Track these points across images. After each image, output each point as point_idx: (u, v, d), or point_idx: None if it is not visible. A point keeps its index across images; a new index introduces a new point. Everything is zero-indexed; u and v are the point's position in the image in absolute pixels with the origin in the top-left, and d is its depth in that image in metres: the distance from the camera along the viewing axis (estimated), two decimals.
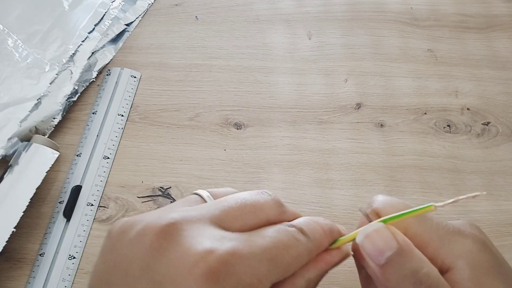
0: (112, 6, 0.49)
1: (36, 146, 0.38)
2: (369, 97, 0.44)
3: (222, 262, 0.15)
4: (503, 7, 0.50)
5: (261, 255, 0.16)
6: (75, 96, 0.43)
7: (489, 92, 0.44)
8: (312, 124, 0.42)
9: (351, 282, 0.34)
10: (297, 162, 0.40)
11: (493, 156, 0.40)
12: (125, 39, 0.48)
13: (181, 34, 0.48)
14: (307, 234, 0.19)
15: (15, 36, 0.45)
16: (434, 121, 0.42)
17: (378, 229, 0.19)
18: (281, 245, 0.18)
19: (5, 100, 0.41)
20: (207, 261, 0.15)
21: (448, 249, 0.18)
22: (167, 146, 0.41)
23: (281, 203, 0.20)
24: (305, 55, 0.47)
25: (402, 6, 0.50)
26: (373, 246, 0.18)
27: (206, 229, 0.17)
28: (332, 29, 0.48)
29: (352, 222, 0.37)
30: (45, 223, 0.37)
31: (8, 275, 0.35)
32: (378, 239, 0.18)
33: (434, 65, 0.45)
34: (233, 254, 0.15)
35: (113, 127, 0.42)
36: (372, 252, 0.18)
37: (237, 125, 0.42)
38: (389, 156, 0.40)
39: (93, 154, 0.40)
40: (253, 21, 0.49)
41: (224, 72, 0.46)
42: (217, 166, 0.40)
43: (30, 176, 0.36)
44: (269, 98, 0.44)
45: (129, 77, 0.45)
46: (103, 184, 0.39)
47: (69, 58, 0.44)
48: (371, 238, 0.18)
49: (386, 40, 0.47)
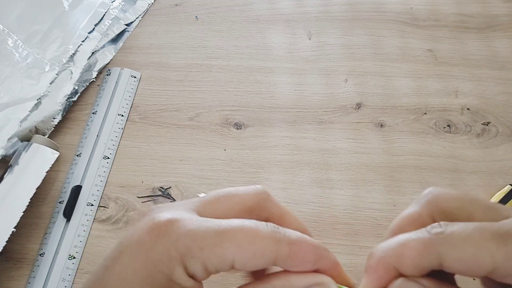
0: (112, 6, 0.49)
1: (36, 146, 0.38)
2: (369, 97, 0.44)
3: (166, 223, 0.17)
4: (503, 7, 0.50)
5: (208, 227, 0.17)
6: (75, 96, 0.43)
7: (489, 92, 0.44)
8: (312, 124, 0.42)
9: None
10: (297, 162, 0.40)
11: (493, 156, 0.40)
12: (125, 39, 0.48)
13: (181, 34, 0.48)
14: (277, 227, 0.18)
15: (15, 36, 0.45)
16: (434, 121, 0.42)
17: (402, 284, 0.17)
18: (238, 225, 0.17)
19: (5, 100, 0.41)
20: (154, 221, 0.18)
21: None
22: (167, 146, 0.41)
23: (264, 193, 0.20)
24: (305, 55, 0.47)
25: (402, 6, 0.50)
26: None
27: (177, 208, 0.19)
28: (332, 29, 0.48)
29: (352, 222, 0.37)
30: (45, 223, 0.37)
31: (8, 275, 0.35)
32: None
33: (434, 65, 0.45)
34: (178, 220, 0.17)
35: (113, 127, 0.42)
36: None
37: (237, 125, 0.42)
38: (389, 156, 0.40)
39: (93, 154, 0.40)
40: (253, 21, 0.49)
41: (224, 72, 0.46)
42: (217, 166, 0.40)
43: (30, 176, 0.36)
44: (269, 98, 0.44)
45: (129, 77, 0.45)
46: (103, 184, 0.39)
47: (69, 58, 0.44)
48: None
49: (386, 40, 0.47)
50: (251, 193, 0.20)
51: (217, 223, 0.17)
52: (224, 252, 0.17)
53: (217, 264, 0.17)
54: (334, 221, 0.37)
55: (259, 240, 0.17)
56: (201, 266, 0.17)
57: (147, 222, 0.18)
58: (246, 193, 0.20)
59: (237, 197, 0.19)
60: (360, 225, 0.36)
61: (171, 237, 0.17)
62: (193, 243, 0.17)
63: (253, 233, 0.17)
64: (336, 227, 0.37)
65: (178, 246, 0.17)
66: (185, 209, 0.19)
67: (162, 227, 0.17)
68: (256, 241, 0.17)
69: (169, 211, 0.18)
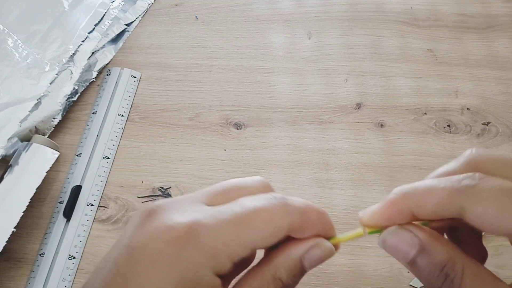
0: (112, 6, 0.49)
1: (36, 146, 0.38)
2: (369, 97, 0.44)
3: (185, 230, 0.17)
4: (503, 7, 0.50)
5: (226, 221, 0.17)
6: (75, 96, 0.43)
7: (489, 92, 0.44)
8: (312, 124, 0.42)
9: (351, 282, 0.34)
10: (297, 162, 0.40)
11: None
12: (125, 39, 0.48)
13: (181, 34, 0.48)
14: (286, 199, 0.18)
15: (15, 36, 0.45)
16: (434, 121, 0.42)
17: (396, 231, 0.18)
18: (251, 208, 0.18)
19: (5, 100, 0.41)
20: (172, 229, 0.17)
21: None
22: (167, 146, 0.41)
23: (268, 184, 0.21)
24: (305, 55, 0.47)
25: (402, 6, 0.50)
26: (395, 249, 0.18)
27: (187, 205, 0.18)
28: (332, 29, 0.48)
29: (352, 222, 0.37)
30: (45, 223, 0.37)
31: (8, 275, 0.35)
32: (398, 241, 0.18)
33: (434, 65, 0.45)
34: (197, 223, 0.17)
35: (113, 127, 0.42)
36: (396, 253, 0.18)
37: (237, 125, 0.42)
38: (389, 156, 0.40)
39: (93, 154, 0.40)
40: (253, 21, 0.49)
41: (224, 72, 0.46)
42: (217, 166, 0.40)
43: (30, 176, 0.36)
44: (269, 98, 0.44)
45: (129, 77, 0.45)
46: (103, 184, 0.39)
47: (69, 58, 0.44)
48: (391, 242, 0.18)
49: (386, 40, 0.47)
50: (257, 185, 0.20)
51: (231, 212, 0.17)
52: (246, 240, 0.17)
53: (241, 252, 0.17)
54: (334, 221, 0.36)
55: (275, 219, 0.18)
56: (228, 260, 0.17)
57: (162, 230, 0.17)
58: (253, 185, 0.20)
59: (246, 190, 0.20)
60: (360, 225, 0.36)
61: (195, 245, 0.17)
62: (217, 243, 0.17)
63: (267, 213, 0.18)
64: (336, 227, 0.36)
65: (204, 252, 0.17)
66: (194, 204, 0.18)
67: (182, 236, 0.17)
68: (272, 220, 0.17)
69: (180, 212, 0.18)
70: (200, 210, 0.18)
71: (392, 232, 0.18)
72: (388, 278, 0.34)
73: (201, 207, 0.18)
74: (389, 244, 0.18)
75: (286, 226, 0.18)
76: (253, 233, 0.17)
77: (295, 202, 0.19)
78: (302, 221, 0.18)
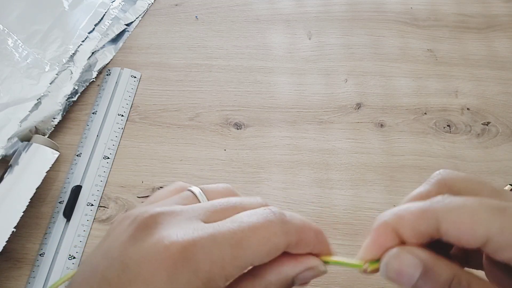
0: (112, 6, 0.49)
1: (36, 146, 0.38)
2: (369, 97, 0.44)
3: (181, 251, 0.16)
4: (503, 7, 0.50)
5: (223, 242, 0.17)
6: (75, 96, 0.43)
7: (489, 92, 0.44)
8: (312, 124, 0.42)
9: (351, 282, 0.34)
10: (297, 162, 0.40)
11: (493, 156, 0.40)
12: (125, 39, 0.48)
13: (181, 34, 0.48)
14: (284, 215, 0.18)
15: (15, 36, 0.45)
16: (434, 121, 0.42)
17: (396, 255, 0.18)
18: (248, 227, 0.17)
19: (5, 100, 0.41)
20: (167, 249, 0.16)
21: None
22: (167, 146, 0.41)
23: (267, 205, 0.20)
24: (305, 55, 0.47)
25: (402, 6, 0.50)
26: (399, 273, 0.18)
27: (184, 221, 0.18)
28: (332, 29, 0.48)
29: (352, 222, 0.37)
30: (45, 223, 0.37)
31: (8, 275, 0.35)
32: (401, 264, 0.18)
33: (434, 65, 0.45)
34: (193, 243, 0.16)
35: (113, 127, 0.42)
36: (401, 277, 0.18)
37: (237, 125, 0.42)
38: (389, 156, 0.40)
39: (93, 154, 0.40)
40: (253, 21, 0.49)
41: (224, 72, 0.46)
42: (217, 166, 0.40)
43: (30, 176, 0.36)
44: (269, 98, 0.44)
45: (129, 77, 0.45)
46: (103, 184, 0.39)
47: (69, 58, 0.44)
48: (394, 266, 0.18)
49: (386, 40, 0.47)
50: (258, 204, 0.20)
51: (228, 231, 0.17)
52: (243, 261, 0.17)
53: (237, 273, 0.17)
54: (334, 221, 0.37)
55: (272, 238, 0.17)
56: (223, 281, 0.17)
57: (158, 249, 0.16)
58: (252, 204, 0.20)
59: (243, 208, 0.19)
60: (360, 225, 0.36)
61: (192, 268, 0.16)
62: (214, 266, 0.16)
63: (265, 231, 0.17)
64: (336, 227, 0.37)
65: (201, 277, 0.16)
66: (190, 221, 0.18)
67: (178, 258, 0.16)
68: (270, 240, 0.17)
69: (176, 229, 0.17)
70: (197, 228, 0.17)
71: (394, 255, 0.18)
72: None
73: (198, 225, 0.18)
74: (392, 268, 0.18)
75: (283, 245, 0.18)
76: (250, 253, 0.17)
77: (293, 219, 0.18)
78: (298, 240, 0.18)
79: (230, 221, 0.18)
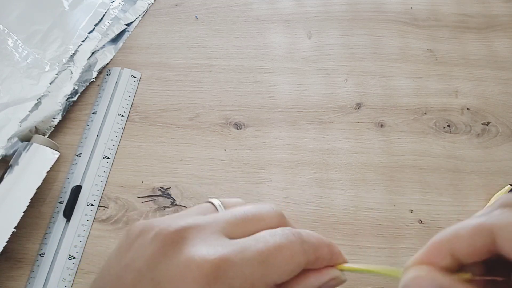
0: (112, 6, 0.49)
1: (36, 146, 0.38)
2: (369, 97, 0.44)
3: (214, 268, 0.17)
4: (503, 7, 0.50)
5: (252, 259, 0.17)
6: (75, 96, 0.43)
7: (489, 92, 0.44)
8: (312, 124, 0.42)
9: (351, 282, 0.34)
10: (297, 162, 0.40)
11: (493, 156, 0.40)
12: (125, 39, 0.48)
13: (181, 34, 0.48)
14: (302, 236, 0.19)
15: (15, 36, 0.45)
16: (434, 121, 0.42)
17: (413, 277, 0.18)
18: (273, 246, 0.18)
19: (5, 100, 0.41)
20: (200, 267, 0.17)
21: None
22: (167, 146, 0.41)
23: (283, 215, 0.21)
24: (305, 55, 0.47)
25: (402, 6, 0.50)
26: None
27: (210, 237, 0.18)
28: (332, 29, 0.48)
29: (352, 222, 0.37)
30: (45, 223, 0.37)
31: (8, 275, 0.35)
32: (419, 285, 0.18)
33: (434, 65, 0.45)
34: (225, 260, 0.17)
35: (113, 127, 0.42)
36: None
37: (237, 125, 0.42)
38: (389, 156, 0.40)
39: (93, 154, 0.40)
40: (253, 21, 0.49)
41: (224, 72, 0.46)
42: (217, 166, 0.40)
43: (30, 176, 0.36)
44: (269, 98, 0.44)
45: (129, 77, 0.45)
46: (103, 184, 0.39)
47: (69, 58, 0.44)
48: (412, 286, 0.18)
49: (386, 40, 0.47)
50: (273, 216, 0.21)
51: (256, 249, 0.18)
52: (269, 278, 0.18)
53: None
54: (334, 221, 0.37)
55: (295, 257, 0.18)
56: None
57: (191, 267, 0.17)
58: (269, 216, 0.20)
59: (264, 222, 0.20)
60: (360, 225, 0.36)
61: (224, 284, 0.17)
62: (245, 283, 0.17)
63: (288, 251, 0.18)
64: (336, 227, 0.37)
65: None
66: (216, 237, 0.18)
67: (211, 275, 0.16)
68: (293, 259, 0.18)
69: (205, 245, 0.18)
70: (225, 244, 0.18)
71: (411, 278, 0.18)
72: (388, 278, 0.34)
73: (224, 241, 0.18)
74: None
75: (304, 263, 0.19)
76: (276, 271, 0.18)
77: (310, 238, 0.19)
78: (316, 257, 0.19)
79: (255, 240, 0.18)
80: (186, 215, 0.20)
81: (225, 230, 0.19)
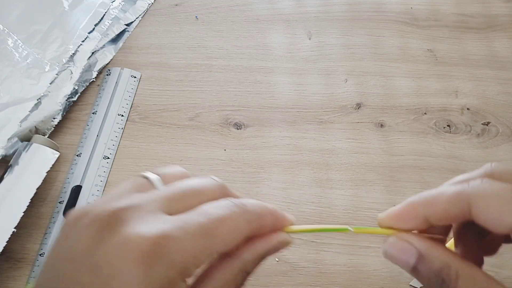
0: (112, 6, 0.49)
1: (36, 146, 0.38)
2: (369, 97, 0.44)
3: (153, 246, 0.16)
4: (503, 7, 0.50)
5: (193, 233, 0.17)
6: (75, 96, 0.43)
7: (489, 92, 0.44)
8: (312, 124, 0.42)
9: (351, 282, 0.34)
10: (297, 162, 0.40)
11: (493, 156, 0.40)
12: (125, 39, 0.48)
13: (181, 34, 0.48)
14: (245, 205, 0.19)
15: (15, 36, 0.45)
16: (434, 121, 0.42)
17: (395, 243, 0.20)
18: (215, 218, 0.18)
19: (5, 100, 0.41)
20: (139, 246, 0.16)
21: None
22: (167, 146, 0.41)
23: (225, 186, 0.21)
24: (305, 55, 0.47)
25: (402, 6, 0.50)
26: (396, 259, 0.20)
27: (147, 215, 0.18)
28: (332, 29, 0.48)
29: (352, 222, 0.37)
30: (45, 223, 0.37)
31: (8, 275, 0.35)
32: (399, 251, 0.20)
33: (434, 65, 0.45)
34: (164, 237, 0.17)
35: (113, 127, 0.42)
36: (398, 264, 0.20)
37: (237, 125, 0.42)
38: (389, 156, 0.40)
39: (93, 154, 0.40)
40: (253, 21, 0.49)
41: (224, 72, 0.46)
42: (217, 166, 0.40)
43: (30, 176, 0.36)
44: (269, 98, 0.44)
45: (129, 77, 0.45)
46: (103, 184, 0.39)
47: (69, 58, 0.44)
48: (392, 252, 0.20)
49: (386, 40, 0.47)
50: (214, 188, 0.21)
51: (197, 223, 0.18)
52: (212, 249, 0.18)
53: (207, 260, 0.18)
54: (334, 221, 0.37)
55: (238, 227, 0.19)
56: (195, 269, 0.18)
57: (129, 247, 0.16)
58: (211, 189, 0.20)
59: (204, 195, 0.20)
60: (360, 225, 0.36)
61: (166, 261, 0.16)
62: (187, 257, 0.17)
63: (231, 222, 0.18)
64: None
65: (176, 269, 0.17)
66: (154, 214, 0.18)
67: (151, 253, 0.16)
68: (236, 229, 0.19)
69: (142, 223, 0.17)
70: (164, 221, 0.17)
71: (391, 244, 0.20)
72: (388, 278, 0.34)
73: (164, 218, 0.18)
74: (390, 255, 0.20)
75: (247, 231, 0.19)
76: (219, 242, 0.18)
77: (253, 207, 0.20)
78: (259, 225, 0.20)
79: (197, 214, 0.18)
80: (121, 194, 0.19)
81: (164, 207, 0.18)
